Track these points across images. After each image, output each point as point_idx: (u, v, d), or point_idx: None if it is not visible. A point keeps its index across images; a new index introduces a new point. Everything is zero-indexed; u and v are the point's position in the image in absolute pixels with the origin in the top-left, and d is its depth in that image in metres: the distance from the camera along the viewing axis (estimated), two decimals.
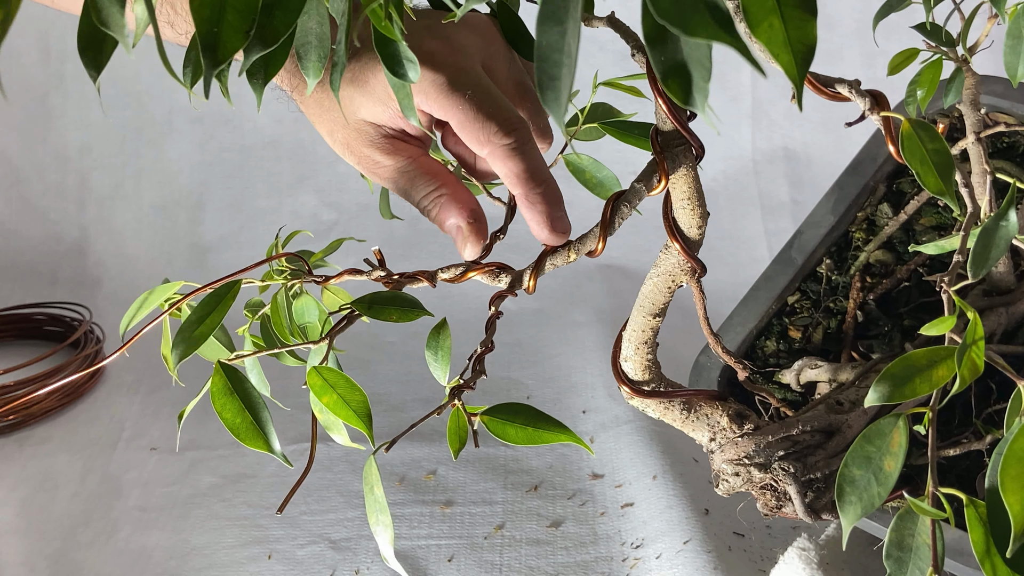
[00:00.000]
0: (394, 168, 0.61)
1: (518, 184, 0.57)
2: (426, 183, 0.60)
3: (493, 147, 0.57)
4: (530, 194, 0.56)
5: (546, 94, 0.24)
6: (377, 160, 0.61)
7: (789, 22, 0.28)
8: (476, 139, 0.57)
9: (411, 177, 0.61)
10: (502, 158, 0.57)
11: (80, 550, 0.87)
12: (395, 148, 0.61)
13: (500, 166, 0.57)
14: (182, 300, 0.56)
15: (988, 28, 0.63)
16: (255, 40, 0.32)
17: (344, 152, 0.62)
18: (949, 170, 0.47)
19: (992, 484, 0.41)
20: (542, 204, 0.56)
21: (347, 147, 0.61)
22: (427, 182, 0.60)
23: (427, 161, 0.61)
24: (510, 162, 0.57)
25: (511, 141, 0.56)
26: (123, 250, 1.49)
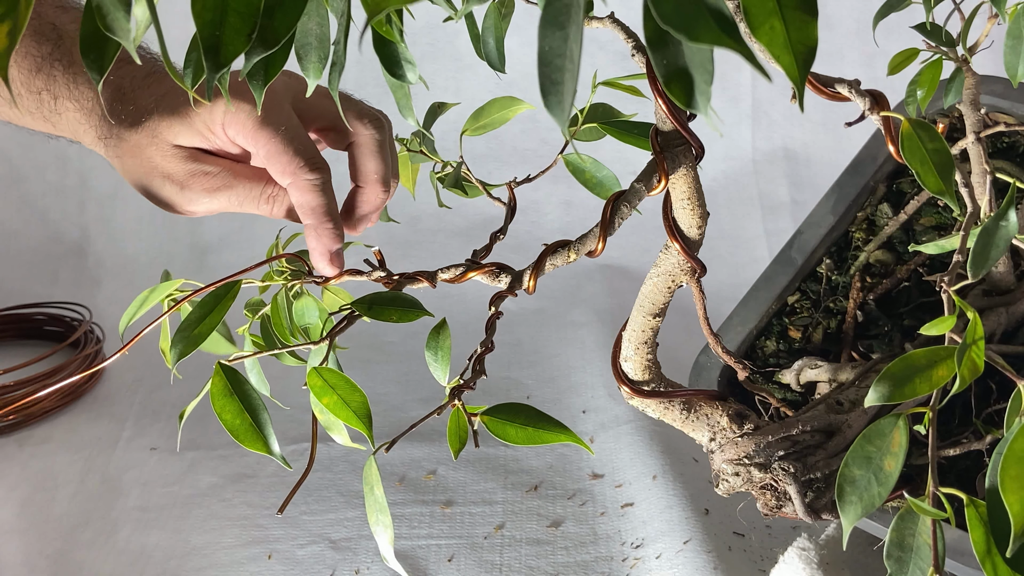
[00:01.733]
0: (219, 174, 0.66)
1: (312, 217, 0.64)
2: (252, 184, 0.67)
3: (297, 179, 0.63)
4: (320, 228, 0.63)
5: (549, 98, 0.24)
6: (206, 170, 0.66)
7: (790, 23, 0.28)
8: (282, 170, 0.63)
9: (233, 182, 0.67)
10: (304, 191, 0.63)
11: (80, 550, 0.87)
12: (213, 160, 0.67)
13: (300, 197, 0.64)
14: (183, 300, 0.56)
15: (988, 28, 0.63)
16: (256, 42, 0.32)
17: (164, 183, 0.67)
18: (949, 170, 0.47)
19: (992, 484, 0.41)
20: (328, 238, 0.63)
21: (168, 177, 0.66)
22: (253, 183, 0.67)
23: (244, 168, 0.67)
24: (310, 195, 0.63)
25: (314, 177, 0.63)
26: (123, 250, 1.49)
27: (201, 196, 0.66)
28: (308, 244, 0.64)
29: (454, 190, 0.71)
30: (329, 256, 0.63)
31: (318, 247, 0.64)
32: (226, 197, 0.66)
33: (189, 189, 0.66)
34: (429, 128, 0.70)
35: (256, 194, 0.66)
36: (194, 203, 0.66)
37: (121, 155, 0.67)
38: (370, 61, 0.50)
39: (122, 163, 0.67)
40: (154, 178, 0.66)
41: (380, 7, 0.24)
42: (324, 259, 0.64)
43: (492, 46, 0.61)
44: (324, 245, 0.63)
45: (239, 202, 0.66)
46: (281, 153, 0.63)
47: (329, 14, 0.44)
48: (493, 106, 0.70)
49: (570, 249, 0.56)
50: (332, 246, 0.64)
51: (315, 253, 0.64)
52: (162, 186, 0.66)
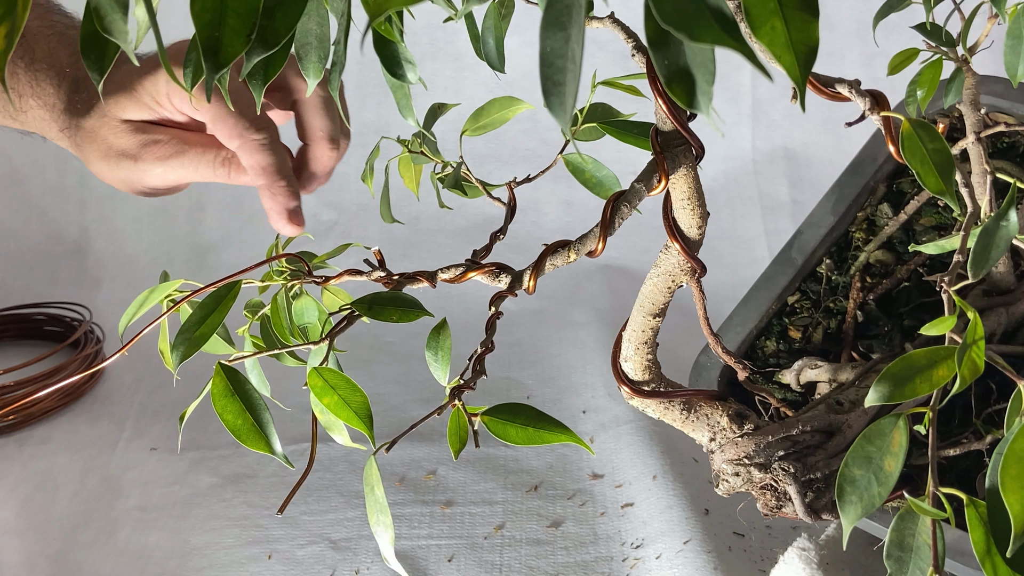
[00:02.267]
0: (169, 141, 0.66)
1: (264, 176, 0.63)
2: (204, 149, 0.66)
3: (244, 141, 0.63)
4: (274, 186, 0.63)
5: (550, 99, 0.24)
6: (156, 139, 0.66)
7: (791, 23, 0.28)
8: (228, 133, 0.63)
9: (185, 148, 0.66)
10: (252, 151, 0.63)
11: (80, 550, 0.87)
12: (163, 130, 0.67)
13: (249, 158, 0.63)
14: (183, 300, 0.56)
15: (988, 28, 0.63)
16: (256, 43, 0.32)
17: (120, 160, 0.67)
18: (949, 170, 0.47)
19: (992, 484, 0.41)
20: (284, 196, 0.63)
21: (122, 153, 0.66)
22: (205, 149, 0.66)
23: (196, 136, 0.67)
24: (259, 155, 0.63)
25: (261, 137, 0.63)
26: (123, 250, 1.49)
27: (155, 166, 0.65)
28: (264, 205, 0.63)
29: (454, 190, 0.71)
30: (287, 214, 0.63)
31: (274, 206, 0.63)
32: (179, 163, 0.66)
33: (143, 160, 0.65)
34: (429, 129, 0.70)
35: (210, 158, 0.66)
36: (150, 174, 0.66)
37: (80, 143, 0.67)
38: (370, 61, 0.50)
39: (82, 152, 0.68)
40: (110, 158, 0.66)
41: (382, 8, 0.24)
42: (282, 218, 0.63)
43: (492, 46, 0.61)
44: (280, 204, 0.63)
45: (193, 167, 0.66)
46: (226, 116, 0.63)
47: (329, 14, 0.44)
48: (493, 106, 0.70)
49: (570, 249, 0.56)
50: (288, 203, 0.63)
51: (272, 213, 0.63)
52: (118, 163, 0.66)
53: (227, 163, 0.66)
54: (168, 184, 0.67)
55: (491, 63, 0.62)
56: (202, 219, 1.52)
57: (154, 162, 0.65)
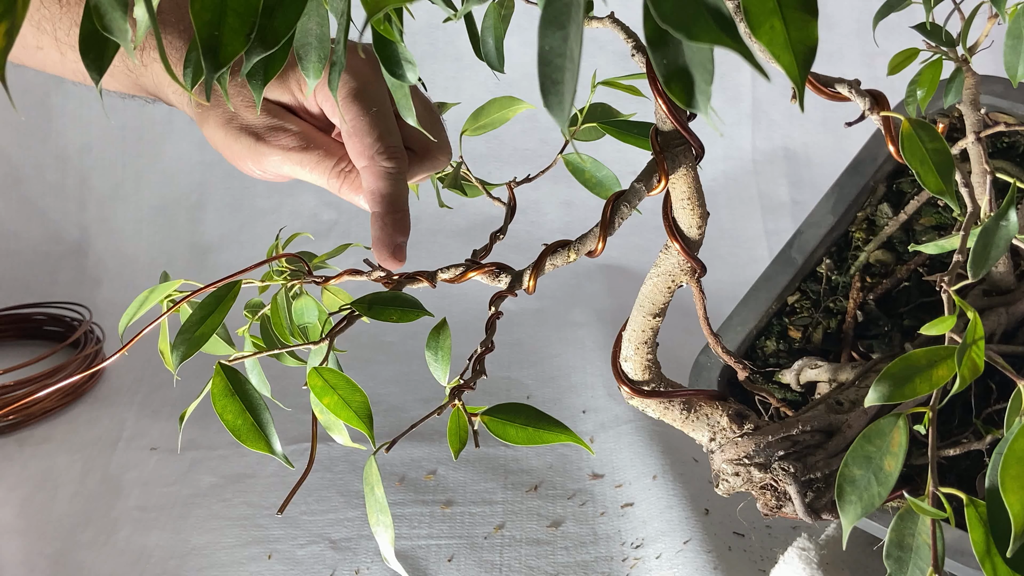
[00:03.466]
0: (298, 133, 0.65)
1: (381, 205, 0.62)
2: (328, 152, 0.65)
3: (374, 164, 0.61)
4: (387, 217, 0.62)
5: (549, 98, 0.24)
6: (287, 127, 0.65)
7: (790, 23, 0.28)
8: (361, 151, 0.62)
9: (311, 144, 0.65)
10: (379, 177, 0.62)
11: (80, 550, 0.87)
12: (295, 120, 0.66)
13: (373, 183, 0.62)
14: (183, 300, 0.56)
15: (988, 28, 0.63)
16: (256, 42, 0.32)
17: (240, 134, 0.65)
18: (949, 170, 0.47)
19: (992, 484, 0.41)
20: (395, 229, 0.62)
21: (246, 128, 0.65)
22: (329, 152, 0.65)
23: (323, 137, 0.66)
24: (383, 183, 0.61)
25: (391, 165, 0.61)
26: (123, 250, 1.49)
27: (275, 152, 0.64)
28: (372, 234, 0.61)
29: (454, 190, 0.71)
30: (393, 247, 0.61)
31: (383, 237, 0.61)
32: (299, 159, 0.64)
33: (265, 143, 0.64)
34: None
35: (329, 165, 0.64)
36: (266, 158, 0.64)
37: (204, 106, 0.66)
38: None
39: (202, 113, 0.66)
40: (232, 128, 0.65)
41: (379, 6, 0.24)
42: (387, 250, 0.61)
43: (491, 46, 0.61)
44: (389, 236, 0.61)
45: (311, 167, 0.64)
46: (365, 133, 0.61)
47: (329, 14, 0.44)
48: (493, 106, 0.70)
49: (570, 249, 0.56)
50: (397, 238, 0.61)
51: (379, 244, 0.61)
52: (238, 136, 0.64)
53: (343, 175, 0.64)
54: (277, 173, 0.66)
55: (490, 63, 0.62)
56: (202, 219, 1.52)
57: (276, 148, 0.64)
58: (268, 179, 0.68)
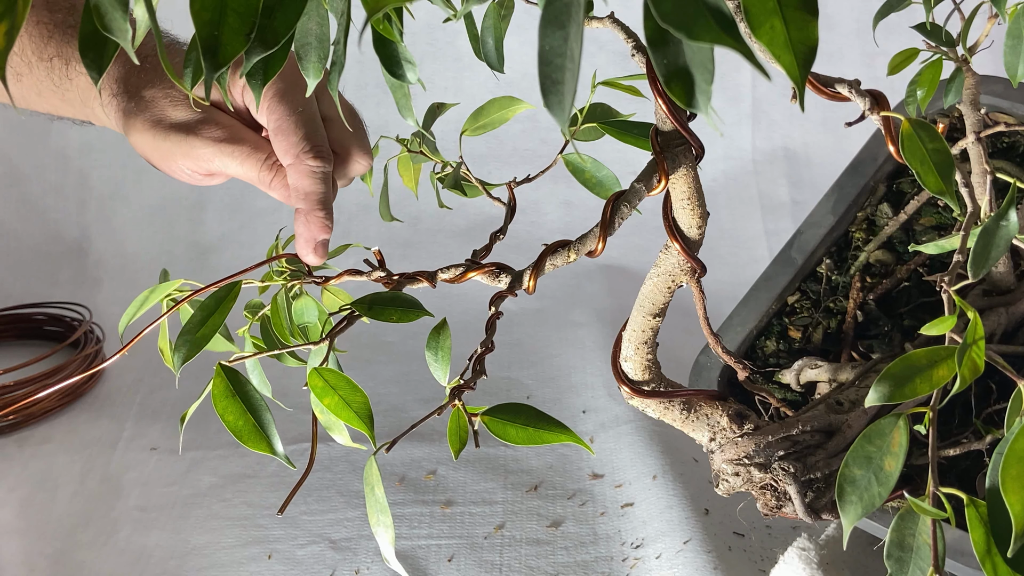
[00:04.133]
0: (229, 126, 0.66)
1: (305, 202, 0.63)
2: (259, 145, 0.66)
3: (299, 163, 0.63)
4: (311, 215, 0.63)
5: (549, 98, 0.24)
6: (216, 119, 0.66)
7: (791, 23, 0.28)
8: (287, 150, 0.63)
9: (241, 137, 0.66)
10: (303, 175, 0.63)
11: (80, 550, 0.87)
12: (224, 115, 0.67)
13: (298, 181, 0.63)
14: (183, 300, 0.56)
15: (988, 28, 0.63)
16: (256, 42, 0.32)
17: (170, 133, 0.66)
18: (949, 170, 0.47)
19: (993, 484, 0.41)
20: (318, 226, 0.63)
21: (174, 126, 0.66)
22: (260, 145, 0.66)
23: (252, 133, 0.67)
24: (307, 181, 0.63)
25: (316, 164, 0.63)
26: (123, 250, 1.49)
27: (206, 145, 0.65)
28: (296, 230, 0.63)
29: (454, 190, 0.71)
30: (314, 244, 0.63)
31: (305, 233, 0.63)
32: (230, 152, 0.65)
33: (196, 136, 0.65)
34: (429, 128, 0.70)
35: (260, 157, 0.65)
36: (197, 151, 0.65)
37: (131, 111, 0.67)
38: (370, 61, 0.50)
39: (129, 122, 0.67)
40: (160, 128, 0.65)
41: (379, 5, 0.24)
42: (309, 246, 0.63)
43: (491, 46, 0.61)
44: (311, 233, 0.63)
45: (241, 161, 0.65)
46: (290, 132, 0.63)
47: (329, 14, 0.44)
48: (493, 106, 0.70)
49: (570, 249, 0.56)
50: (319, 235, 0.63)
51: (300, 239, 0.63)
52: (167, 135, 0.65)
53: (274, 169, 0.65)
54: (208, 170, 0.67)
55: (490, 63, 0.62)
56: (202, 219, 1.52)
57: (207, 141, 0.65)
58: (197, 180, 0.69)
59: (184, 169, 0.67)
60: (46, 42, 0.70)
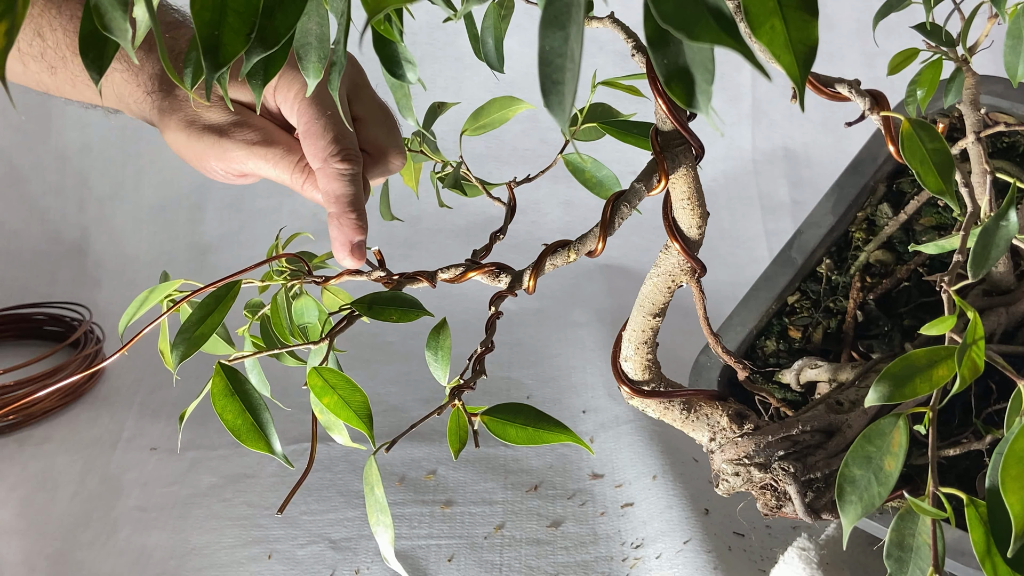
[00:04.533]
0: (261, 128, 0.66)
1: (336, 205, 0.63)
2: (290, 148, 0.66)
3: (328, 166, 0.63)
4: (343, 217, 0.63)
5: (549, 98, 0.24)
6: (249, 122, 0.66)
7: (791, 23, 0.28)
8: (315, 153, 0.63)
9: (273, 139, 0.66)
10: (332, 178, 0.63)
11: (80, 550, 0.87)
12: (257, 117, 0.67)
13: (327, 184, 0.63)
14: (183, 300, 0.56)
15: (988, 28, 0.63)
16: (256, 42, 0.32)
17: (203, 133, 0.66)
18: (949, 170, 0.47)
19: (992, 484, 0.41)
20: (351, 229, 0.63)
21: (208, 127, 0.66)
22: (292, 147, 0.66)
23: (284, 135, 0.67)
24: (337, 183, 0.63)
25: (345, 167, 0.63)
26: (123, 250, 1.49)
27: (239, 147, 0.65)
28: (330, 233, 0.63)
29: (454, 190, 0.71)
30: (350, 247, 0.63)
31: (339, 237, 0.63)
32: (263, 154, 0.65)
33: (229, 138, 0.65)
34: (429, 128, 0.70)
35: (293, 160, 0.65)
36: (230, 154, 0.65)
37: (166, 108, 0.67)
38: (371, 61, 0.50)
39: (163, 119, 0.67)
40: (194, 128, 0.66)
41: (380, 6, 0.24)
42: (345, 250, 0.63)
43: (491, 46, 0.61)
44: (345, 235, 0.62)
45: (274, 162, 0.65)
46: (319, 136, 0.63)
47: (329, 14, 0.44)
48: (493, 106, 0.70)
49: (570, 249, 0.56)
50: (354, 237, 0.63)
51: (336, 243, 0.63)
52: (201, 136, 0.65)
53: (307, 172, 0.65)
54: (240, 171, 0.67)
55: (490, 63, 0.62)
56: (202, 219, 1.52)
57: (240, 143, 0.65)
58: (231, 180, 0.69)
59: (217, 169, 0.67)
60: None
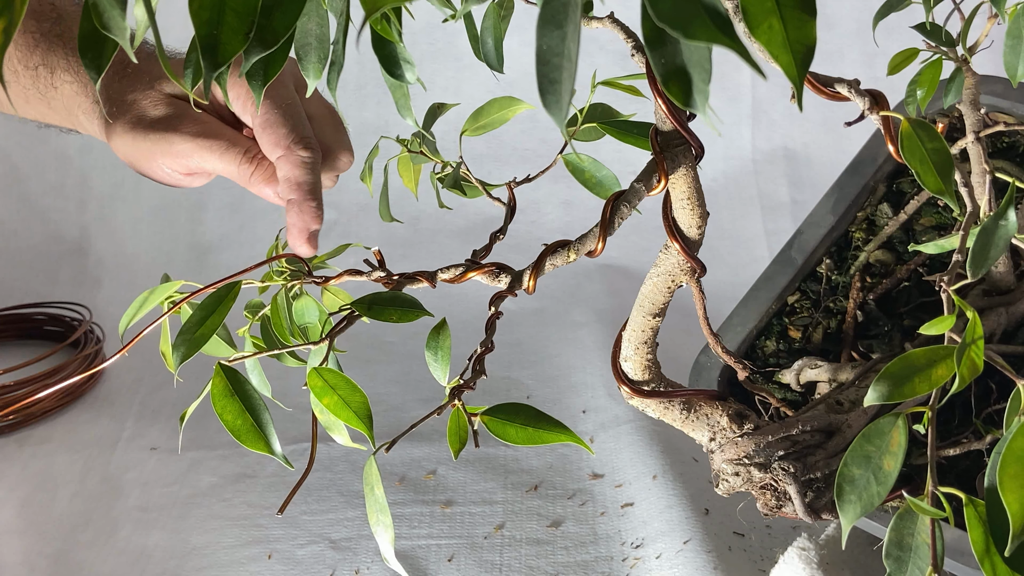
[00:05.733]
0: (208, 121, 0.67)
1: (297, 192, 0.64)
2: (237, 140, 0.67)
3: (290, 153, 0.64)
4: (303, 204, 0.64)
5: (547, 97, 0.24)
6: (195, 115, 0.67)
7: (789, 23, 0.28)
8: (276, 142, 0.64)
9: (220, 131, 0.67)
10: (295, 165, 0.64)
11: (80, 550, 0.87)
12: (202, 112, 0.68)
13: (290, 171, 0.64)
14: (183, 300, 0.56)
15: (988, 28, 0.63)
16: (255, 42, 0.32)
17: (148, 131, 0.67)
18: (949, 169, 0.47)
19: (991, 483, 0.41)
20: (310, 216, 0.64)
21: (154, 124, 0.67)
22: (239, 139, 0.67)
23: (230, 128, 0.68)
24: (299, 171, 0.64)
25: (307, 155, 0.64)
26: (123, 250, 1.49)
27: (184, 141, 0.65)
28: (288, 220, 0.64)
29: (453, 190, 0.71)
30: (307, 235, 0.64)
31: (298, 223, 0.64)
32: (208, 147, 0.65)
33: (174, 131, 0.65)
34: (429, 128, 0.70)
35: (239, 151, 0.66)
36: (175, 147, 0.65)
37: (112, 114, 0.67)
38: (370, 61, 0.50)
39: (111, 127, 0.68)
40: (139, 128, 0.66)
41: (377, 5, 0.24)
42: (302, 237, 0.64)
43: (491, 46, 0.61)
44: (304, 223, 0.63)
45: (219, 155, 0.66)
46: (279, 125, 0.64)
47: (328, 14, 0.44)
48: (492, 106, 0.70)
49: (570, 249, 0.56)
50: (312, 225, 0.64)
51: (293, 230, 0.64)
52: (146, 134, 0.66)
53: (255, 163, 0.66)
54: (188, 167, 0.67)
55: (490, 63, 0.62)
56: (202, 219, 1.52)
57: (185, 136, 0.65)
58: (180, 181, 0.69)
59: (164, 168, 0.68)
60: (32, 51, 0.71)
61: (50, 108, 0.74)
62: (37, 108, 0.75)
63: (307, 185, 0.64)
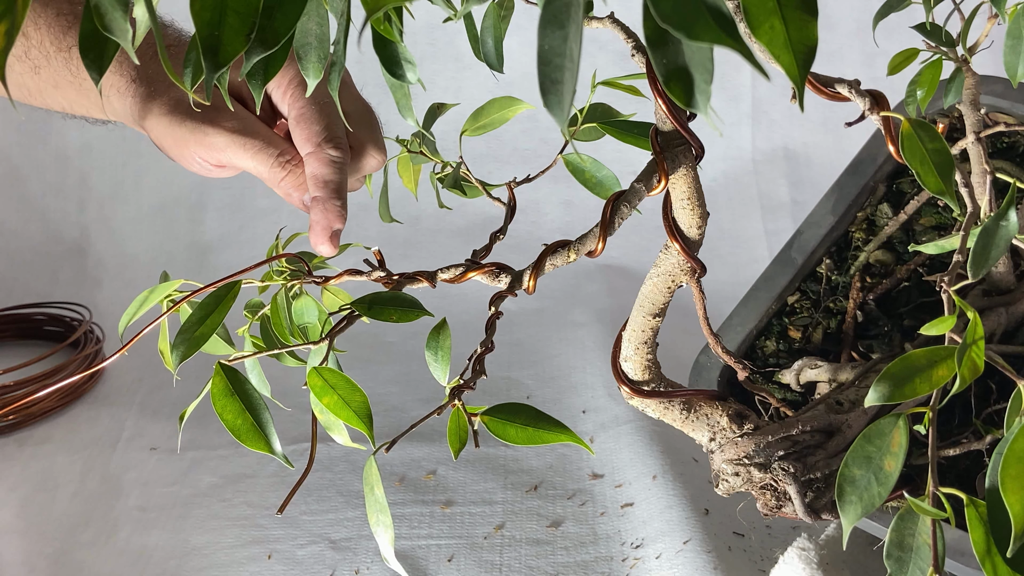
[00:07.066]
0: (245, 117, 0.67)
1: (324, 190, 0.64)
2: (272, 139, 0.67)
3: (322, 151, 0.64)
4: (328, 203, 0.64)
5: (548, 98, 0.24)
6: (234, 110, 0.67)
7: (790, 23, 0.28)
8: (308, 137, 0.64)
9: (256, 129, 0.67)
10: (323, 163, 0.64)
11: (80, 550, 0.87)
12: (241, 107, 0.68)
13: (318, 168, 0.64)
14: (183, 300, 0.56)
15: (988, 28, 0.63)
16: (256, 43, 0.32)
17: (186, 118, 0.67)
18: (949, 170, 0.47)
19: (992, 484, 0.41)
20: (335, 215, 0.64)
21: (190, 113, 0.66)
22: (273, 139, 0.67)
23: (267, 127, 0.68)
24: (327, 169, 0.64)
25: (337, 155, 0.64)
26: (123, 250, 1.49)
27: (220, 133, 0.65)
28: (312, 218, 0.64)
29: (453, 190, 0.71)
30: (330, 233, 0.64)
31: (322, 221, 0.63)
32: (243, 143, 0.65)
33: (210, 124, 0.65)
34: (429, 128, 0.70)
35: (273, 152, 0.66)
36: (210, 139, 0.65)
37: (151, 94, 0.67)
38: (370, 61, 0.50)
39: (147, 105, 0.67)
40: (178, 112, 0.66)
41: (378, 5, 0.24)
42: (325, 235, 0.64)
43: (491, 46, 0.61)
44: (328, 221, 0.63)
45: (253, 152, 0.65)
46: (313, 121, 0.64)
47: (329, 14, 0.44)
48: (493, 106, 0.70)
49: (570, 249, 0.56)
50: (335, 224, 0.64)
51: (317, 227, 0.64)
52: (184, 121, 0.66)
53: (287, 167, 0.66)
54: (219, 160, 0.67)
55: (490, 63, 0.62)
56: (202, 219, 1.51)
57: (222, 131, 0.65)
58: (210, 172, 0.69)
59: (196, 158, 0.67)
60: (65, 32, 0.70)
61: (80, 92, 0.73)
62: (66, 94, 0.74)
63: (333, 184, 0.64)
